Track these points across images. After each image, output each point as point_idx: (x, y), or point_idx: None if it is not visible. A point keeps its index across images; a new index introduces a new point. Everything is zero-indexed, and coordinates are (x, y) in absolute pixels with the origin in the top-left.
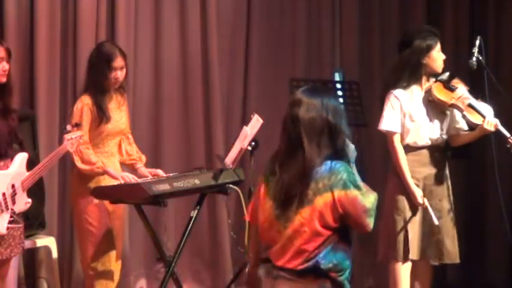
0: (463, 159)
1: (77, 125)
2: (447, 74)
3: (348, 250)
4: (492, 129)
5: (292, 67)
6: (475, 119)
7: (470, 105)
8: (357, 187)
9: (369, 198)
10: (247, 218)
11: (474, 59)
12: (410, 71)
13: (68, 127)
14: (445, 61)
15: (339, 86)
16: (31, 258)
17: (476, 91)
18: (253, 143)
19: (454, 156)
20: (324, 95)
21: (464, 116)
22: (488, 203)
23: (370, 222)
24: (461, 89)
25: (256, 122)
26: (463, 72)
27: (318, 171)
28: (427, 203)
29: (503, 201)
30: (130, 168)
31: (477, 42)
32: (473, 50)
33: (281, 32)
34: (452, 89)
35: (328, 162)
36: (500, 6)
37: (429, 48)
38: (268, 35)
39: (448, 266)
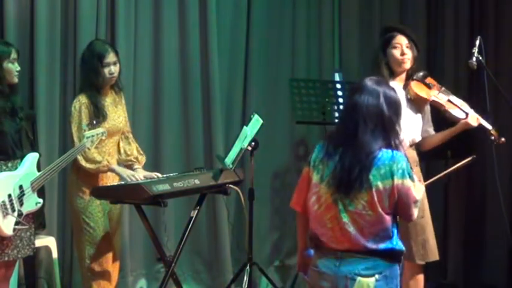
0: (463, 159)
1: (88, 125)
2: (422, 73)
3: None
4: (475, 124)
5: (292, 67)
6: (457, 113)
7: (450, 101)
8: (412, 178)
9: (419, 191)
10: (296, 208)
11: (474, 59)
12: (378, 71)
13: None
14: (416, 59)
15: (339, 86)
16: (31, 258)
17: (476, 91)
18: (253, 143)
19: (454, 155)
20: (386, 87)
21: (445, 112)
22: (488, 203)
23: (415, 212)
24: (437, 86)
25: (256, 122)
26: (463, 72)
27: (380, 158)
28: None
29: (503, 201)
30: (129, 169)
31: (477, 42)
32: (473, 50)
33: (281, 32)
34: (429, 86)
35: (390, 151)
36: (500, 6)
37: (384, 46)
38: (268, 35)
39: (448, 266)
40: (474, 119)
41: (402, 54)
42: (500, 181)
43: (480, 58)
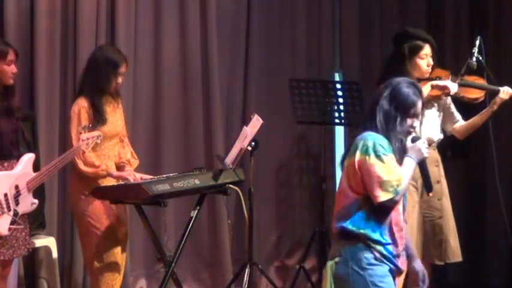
0: (463, 159)
1: (84, 128)
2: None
3: (381, 223)
4: (507, 96)
5: (292, 67)
6: (475, 94)
7: (461, 85)
8: (379, 157)
9: (390, 173)
10: None
11: (474, 59)
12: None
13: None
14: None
15: (339, 86)
16: (31, 258)
17: None
18: (253, 143)
19: (454, 155)
20: (402, 85)
21: (463, 97)
22: (488, 203)
23: (381, 195)
24: (445, 80)
25: (256, 122)
26: (462, 72)
27: (356, 139)
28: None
29: (503, 201)
30: (121, 170)
31: (477, 42)
32: (473, 50)
33: (281, 32)
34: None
35: (367, 132)
36: (500, 5)
37: (412, 53)
38: (268, 36)
39: (448, 266)
40: (507, 92)
41: (428, 65)
42: (500, 181)
43: (480, 58)
